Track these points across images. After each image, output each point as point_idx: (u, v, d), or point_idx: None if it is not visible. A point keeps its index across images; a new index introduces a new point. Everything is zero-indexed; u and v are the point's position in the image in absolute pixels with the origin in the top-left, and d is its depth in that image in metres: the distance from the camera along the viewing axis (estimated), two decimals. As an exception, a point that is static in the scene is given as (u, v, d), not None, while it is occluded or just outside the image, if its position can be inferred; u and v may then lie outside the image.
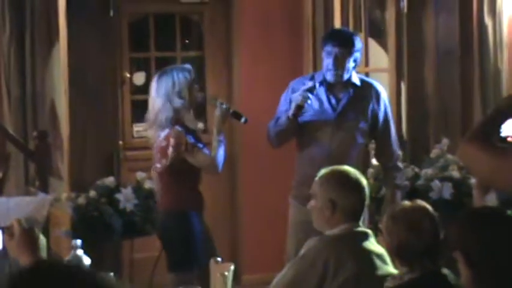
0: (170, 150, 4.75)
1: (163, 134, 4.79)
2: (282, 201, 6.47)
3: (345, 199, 3.75)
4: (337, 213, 3.75)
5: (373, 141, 5.05)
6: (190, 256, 4.81)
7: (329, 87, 4.89)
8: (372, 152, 5.19)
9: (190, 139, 4.76)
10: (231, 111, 4.85)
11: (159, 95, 4.82)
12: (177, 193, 4.87)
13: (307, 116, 4.85)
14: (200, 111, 5.36)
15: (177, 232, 4.86)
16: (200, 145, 4.80)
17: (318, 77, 4.92)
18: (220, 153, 4.79)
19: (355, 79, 4.91)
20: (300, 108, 4.76)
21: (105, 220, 5.58)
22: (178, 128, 4.77)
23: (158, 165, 4.86)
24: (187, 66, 4.96)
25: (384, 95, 4.99)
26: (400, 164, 5.02)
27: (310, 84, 4.85)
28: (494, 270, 2.54)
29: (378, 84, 5.07)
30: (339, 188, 3.77)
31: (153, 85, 4.88)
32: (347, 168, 3.92)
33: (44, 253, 3.00)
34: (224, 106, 4.82)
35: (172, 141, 4.74)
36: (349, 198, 3.76)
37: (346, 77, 4.83)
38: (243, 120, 4.85)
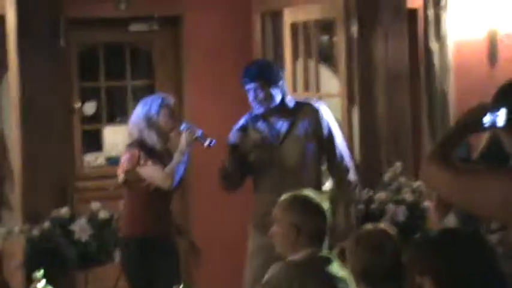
0: (124, 164, 4.95)
1: (125, 152, 5.02)
2: (236, 225, 6.49)
3: (308, 223, 3.76)
4: (301, 238, 3.76)
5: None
6: (146, 281, 4.88)
7: (266, 119, 4.95)
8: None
9: (143, 154, 4.91)
10: (195, 135, 4.94)
11: (132, 120, 5.07)
12: (133, 216, 5.00)
13: (252, 153, 4.92)
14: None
15: (131, 258, 4.96)
16: (153, 160, 4.91)
17: (251, 114, 4.99)
18: (177, 170, 4.91)
19: (290, 103, 4.97)
20: (235, 146, 4.85)
21: (59, 251, 5.52)
22: (133, 144, 4.96)
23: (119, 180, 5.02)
24: (165, 95, 5.23)
25: (323, 110, 5.00)
26: (350, 178, 4.98)
27: (241, 122, 4.95)
28: None
29: (315, 103, 5.11)
30: (302, 213, 3.78)
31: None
32: (308, 192, 3.95)
33: None
34: (190, 131, 4.94)
35: (127, 155, 4.95)
36: (313, 223, 3.77)
37: (274, 104, 4.89)
38: (207, 143, 4.92)
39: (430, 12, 6.33)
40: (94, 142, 7.14)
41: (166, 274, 4.87)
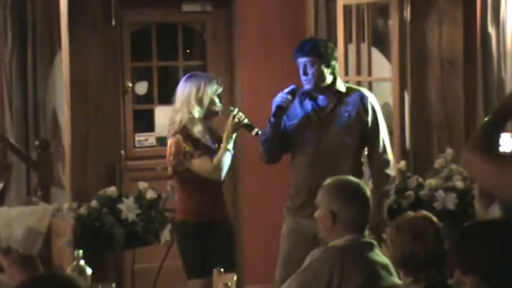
0: (171, 158, 4.87)
1: (169, 141, 4.92)
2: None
3: (344, 211, 3.73)
4: (338, 225, 3.73)
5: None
6: (198, 264, 4.90)
7: (313, 97, 4.90)
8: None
9: (189, 146, 4.83)
10: (243, 122, 4.86)
11: (181, 96, 4.90)
12: (185, 203, 4.97)
13: (293, 127, 4.87)
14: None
15: (183, 241, 5.00)
16: (199, 152, 4.84)
17: (300, 89, 4.94)
18: (224, 161, 4.83)
19: (340, 87, 4.91)
20: (280, 108, 4.79)
21: (106, 230, 5.56)
22: (178, 136, 4.85)
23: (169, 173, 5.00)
24: (217, 78, 5.04)
25: (372, 99, 4.95)
26: (389, 171, 4.92)
27: (291, 87, 4.89)
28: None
29: (365, 90, 5.09)
30: (340, 200, 3.74)
31: (179, 86, 4.96)
32: (350, 178, 3.91)
33: None
34: (237, 118, 4.85)
35: (172, 149, 4.86)
36: (349, 210, 3.73)
37: (324, 84, 4.84)
38: (253, 132, 4.87)
39: (488, -4, 6.20)
40: (145, 122, 7.15)
41: (220, 255, 4.89)
